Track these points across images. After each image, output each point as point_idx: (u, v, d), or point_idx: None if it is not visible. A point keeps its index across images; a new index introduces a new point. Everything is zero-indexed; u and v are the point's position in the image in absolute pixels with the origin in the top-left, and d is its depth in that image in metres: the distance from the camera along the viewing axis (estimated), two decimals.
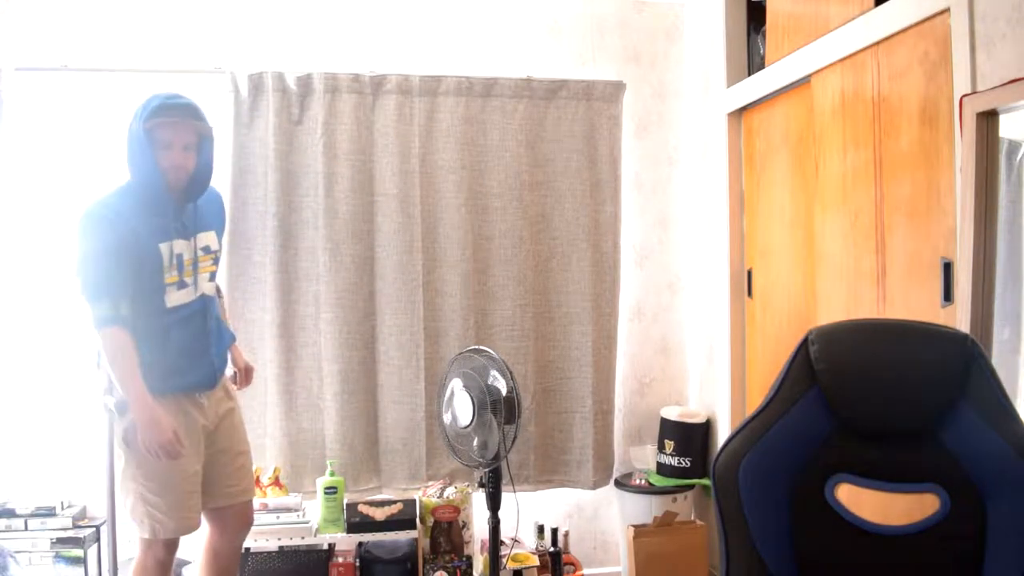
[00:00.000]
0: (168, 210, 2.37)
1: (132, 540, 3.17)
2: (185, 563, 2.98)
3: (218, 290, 2.71)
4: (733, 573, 1.37)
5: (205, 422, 2.43)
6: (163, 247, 2.34)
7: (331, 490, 3.12)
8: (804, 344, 1.39)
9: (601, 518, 3.66)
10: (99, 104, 3.24)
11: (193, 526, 2.41)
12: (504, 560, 3.13)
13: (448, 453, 3.00)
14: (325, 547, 3.19)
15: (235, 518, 2.55)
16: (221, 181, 3.05)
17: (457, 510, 3.19)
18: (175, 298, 2.37)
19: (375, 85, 3.34)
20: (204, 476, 2.44)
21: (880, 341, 1.39)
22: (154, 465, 2.29)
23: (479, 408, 2.59)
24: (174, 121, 2.30)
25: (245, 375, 2.76)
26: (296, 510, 3.12)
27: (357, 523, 3.14)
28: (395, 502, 3.25)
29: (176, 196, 2.40)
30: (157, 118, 2.29)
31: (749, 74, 3.28)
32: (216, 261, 2.54)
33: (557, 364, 3.50)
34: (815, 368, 1.37)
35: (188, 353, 2.40)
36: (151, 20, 3.28)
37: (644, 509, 3.36)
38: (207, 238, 2.49)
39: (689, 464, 3.41)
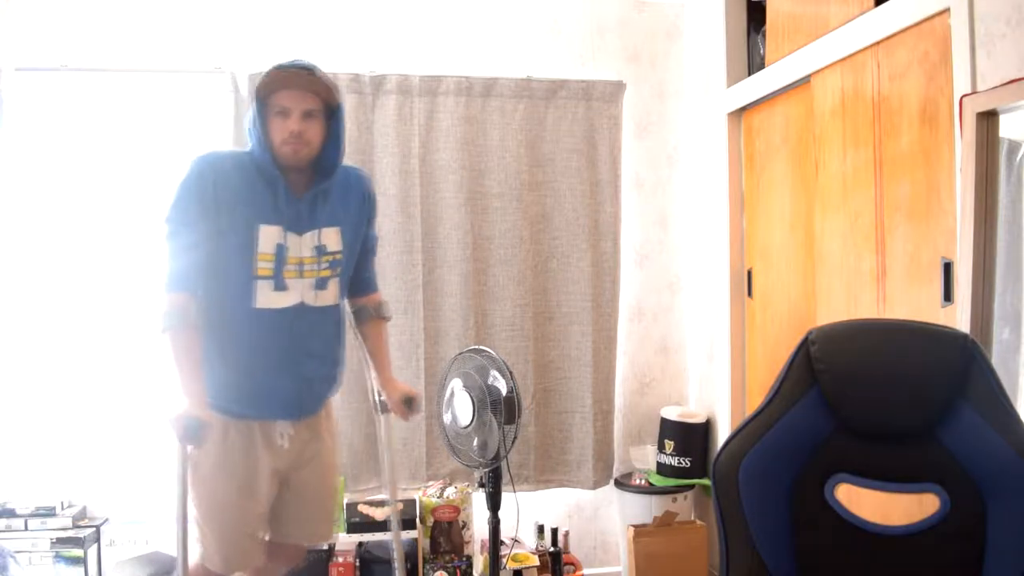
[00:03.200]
0: (280, 192, 1.97)
1: (134, 540, 3.19)
2: None
3: (378, 306, 2.31)
4: (733, 573, 1.37)
5: (278, 464, 2.05)
6: (264, 230, 1.94)
7: None
8: (804, 344, 1.39)
9: (601, 518, 3.66)
10: (99, 104, 3.24)
11: (241, 566, 2.09)
12: (504, 560, 3.13)
13: (448, 453, 2.99)
14: (325, 547, 3.19)
15: (279, 554, 2.21)
16: None
17: (457, 510, 3.19)
18: (266, 299, 1.96)
19: (375, 85, 3.34)
20: (271, 512, 2.11)
21: (880, 341, 1.39)
22: (206, 494, 2.01)
23: (479, 408, 2.59)
24: (290, 85, 1.92)
25: (400, 406, 2.24)
26: None
27: (357, 523, 3.14)
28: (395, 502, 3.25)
29: (293, 181, 2.00)
30: (271, 79, 1.92)
31: (749, 74, 3.28)
32: (334, 265, 2.07)
33: (557, 364, 3.50)
34: (815, 368, 1.37)
35: (265, 372, 1.99)
36: (151, 20, 3.28)
37: (644, 509, 3.36)
38: (328, 236, 2.03)
39: (689, 464, 3.41)
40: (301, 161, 1.98)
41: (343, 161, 2.08)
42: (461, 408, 2.64)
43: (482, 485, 2.72)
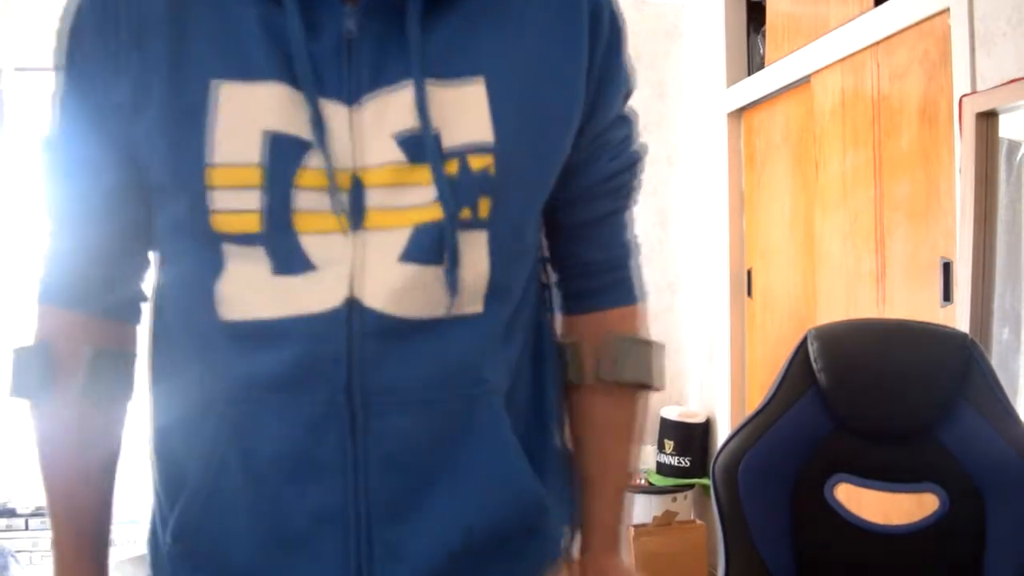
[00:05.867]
0: None
1: (134, 540, 3.19)
2: None
3: (631, 354, 0.89)
4: (733, 573, 1.37)
5: None
6: (229, 92, 0.67)
7: None
8: (803, 344, 1.39)
9: None
10: None
11: None
12: None
13: None
14: None
15: None
16: None
17: None
18: (246, 296, 0.71)
19: None
20: None
21: (879, 341, 1.39)
22: None
23: None
24: None
25: None
26: None
27: None
28: None
29: None
30: None
31: (749, 74, 3.28)
32: (481, 186, 0.72)
33: None
34: (814, 368, 1.37)
35: (257, 511, 0.75)
36: None
37: (644, 509, 3.36)
38: (454, 102, 0.71)
39: (689, 464, 3.41)
40: None
41: None
42: None
43: None
